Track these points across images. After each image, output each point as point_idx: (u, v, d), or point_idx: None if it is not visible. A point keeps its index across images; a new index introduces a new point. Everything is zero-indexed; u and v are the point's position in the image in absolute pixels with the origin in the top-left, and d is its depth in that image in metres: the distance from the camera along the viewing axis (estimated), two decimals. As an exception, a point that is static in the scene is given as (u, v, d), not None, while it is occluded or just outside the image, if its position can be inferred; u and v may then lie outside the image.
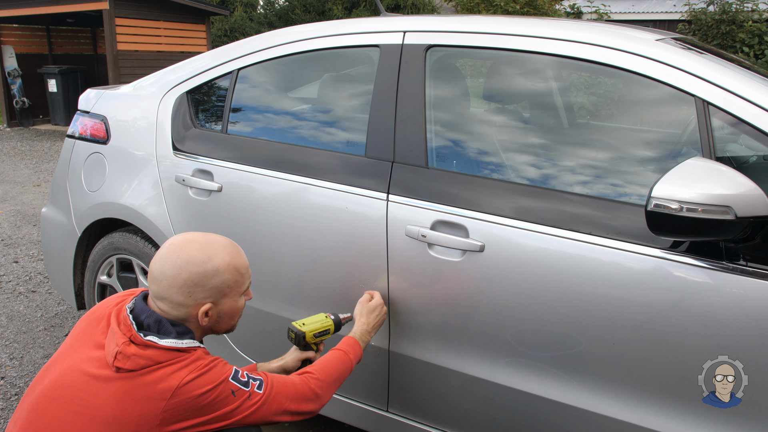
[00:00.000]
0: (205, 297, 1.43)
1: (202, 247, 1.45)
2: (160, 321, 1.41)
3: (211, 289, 1.44)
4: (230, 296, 1.48)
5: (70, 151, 2.69)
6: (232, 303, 1.49)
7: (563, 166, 1.77)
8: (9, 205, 5.70)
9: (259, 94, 2.31)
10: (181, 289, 1.41)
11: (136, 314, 1.42)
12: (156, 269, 1.43)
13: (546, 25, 1.81)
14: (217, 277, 1.44)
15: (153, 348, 1.35)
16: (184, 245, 1.44)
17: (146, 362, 1.34)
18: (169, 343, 1.37)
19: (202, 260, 1.43)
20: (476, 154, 1.91)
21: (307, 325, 1.75)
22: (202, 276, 1.42)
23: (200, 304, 1.43)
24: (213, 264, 1.44)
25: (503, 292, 1.68)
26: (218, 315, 1.48)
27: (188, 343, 1.41)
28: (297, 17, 16.35)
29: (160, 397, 1.32)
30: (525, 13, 10.34)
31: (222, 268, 1.45)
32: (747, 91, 1.49)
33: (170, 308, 1.42)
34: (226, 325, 1.53)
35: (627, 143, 2.00)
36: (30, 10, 9.99)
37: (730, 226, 1.32)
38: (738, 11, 9.02)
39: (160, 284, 1.42)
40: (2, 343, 3.06)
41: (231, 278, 1.46)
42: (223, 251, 1.47)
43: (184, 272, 1.41)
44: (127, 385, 1.32)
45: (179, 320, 1.44)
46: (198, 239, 1.47)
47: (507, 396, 1.72)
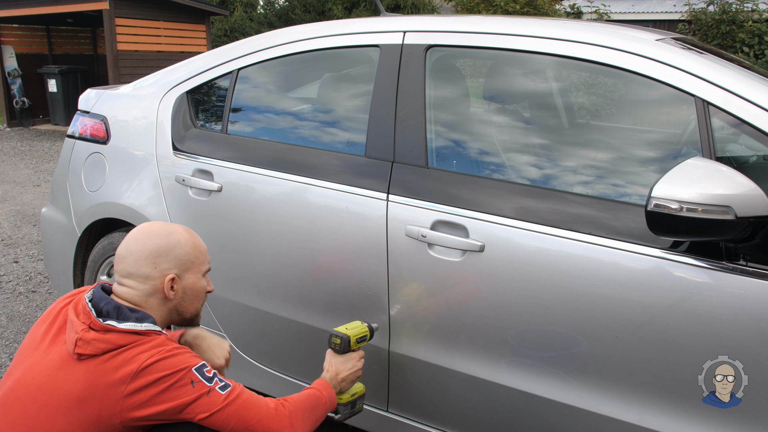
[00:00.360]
0: (170, 267, 1.50)
1: (164, 225, 1.57)
2: (119, 307, 1.43)
3: (175, 260, 1.51)
4: (192, 272, 1.55)
5: (70, 151, 2.69)
6: (194, 279, 1.56)
7: (563, 166, 1.77)
8: (9, 205, 5.70)
9: (259, 94, 2.31)
10: (147, 260, 1.48)
11: (95, 302, 1.43)
12: (122, 249, 1.51)
13: (546, 25, 1.81)
14: (178, 248, 1.52)
15: (112, 332, 1.37)
16: (146, 226, 1.56)
17: (106, 346, 1.35)
18: (129, 327, 1.39)
19: (165, 233, 1.53)
20: (476, 154, 1.91)
21: (350, 330, 1.75)
22: (165, 246, 1.51)
23: (164, 275, 1.49)
24: (175, 237, 1.53)
25: (503, 292, 1.68)
26: (183, 290, 1.53)
27: (147, 326, 1.41)
28: (297, 17, 16.36)
29: (119, 381, 1.32)
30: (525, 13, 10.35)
31: (183, 241, 1.54)
32: (747, 91, 1.49)
33: (137, 283, 1.48)
34: (191, 307, 1.57)
35: (627, 143, 2.00)
36: (30, 10, 9.99)
37: (730, 226, 1.32)
38: (738, 11, 9.02)
39: (126, 261, 1.49)
40: (2, 343, 3.06)
41: (192, 252, 1.55)
42: (182, 229, 1.58)
43: (148, 244, 1.50)
44: (89, 369, 1.33)
45: (141, 303, 1.48)
46: (157, 222, 1.60)
47: (507, 396, 1.72)
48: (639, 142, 2.06)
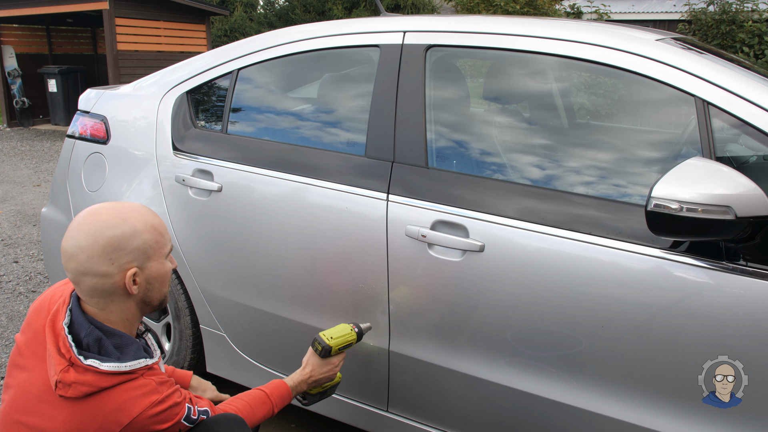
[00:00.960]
0: (130, 261, 1.33)
1: (113, 212, 1.35)
2: (100, 340, 1.32)
3: (134, 251, 1.33)
4: (155, 258, 1.38)
5: (70, 151, 2.69)
6: (158, 266, 1.39)
7: (563, 166, 1.77)
8: (9, 205, 5.70)
9: (260, 94, 2.31)
10: (101, 256, 1.30)
11: (74, 331, 1.32)
12: (69, 245, 1.31)
13: (546, 25, 1.81)
14: (135, 237, 1.34)
15: (93, 373, 1.28)
16: (93, 213, 1.34)
17: (88, 389, 1.27)
18: (111, 368, 1.29)
19: (117, 222, 1.33)
20: (476, 154, 1.91)
21: (334, 339, 1.77)
22: (120, 239, 1.32)
23: (125, 270, 1.32)
24: (129, 225, 1.34)
25: (503, 292, 1.68)
26: (147, 281, 1.37)
27: (132, 365, 1.32)
28: (297, 17, 16.35)
29: (115, 422, 1.28)
30: (525, 13, 10.35)
31: (139, 228, 1.35)
32: (747, 91, 1.49)
33: (95, 283, 1.31)
34: (157, 294, 1.42)
35: (627, 143, 2.00)
36: (30, 10, 9.99)
37: (730, 226, 1.32)
38: (738, 11, 9.02)
39: (77, 259, 1.30)
40: (2, 343, 3.06)
41: (151, 238, 1.36)
42: (136, 212, 1.37)
43: (100, 238, 1.30)
44: (75, 411, 1.28)
45: (102, 308, 1.35)
46: (107, 206, 1.37)
47: (507, 396, 1.72)
48: (639, 142, 2.06)
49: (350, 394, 2.04)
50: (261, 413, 1.61)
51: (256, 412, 1.60)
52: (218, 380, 2.32)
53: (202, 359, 2.42)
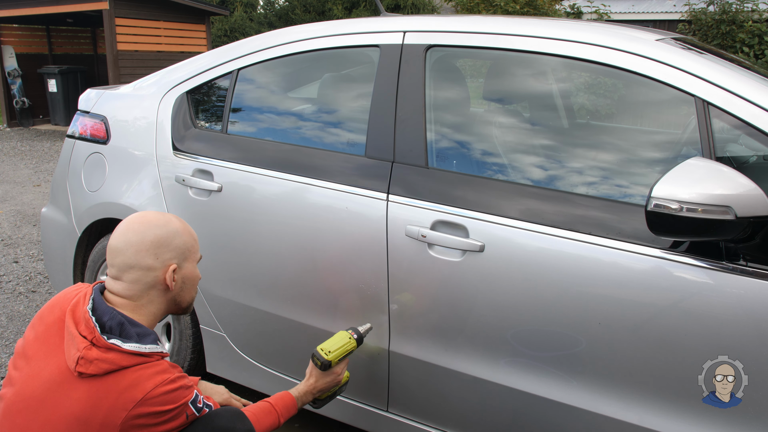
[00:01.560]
0: (171, 257, 1.49)
1: (158, 214, 1.54)
2: (122, 324, 1.39)
3: (176, 249, 1.50)
4: (190, 260, 1.55)
5: (70, 151, 2.69)
6: (192, 268, 1.56)
7: (563, 166, 1.77)
8: (9, 205, 5.70)
9: (260, 94, 2.31)
10: (149, 250, 1.45)
11: (98, 315, 1.39)
12: (118, 241, 1.46)
13: (546, 25, 1.81)
14: (178, 237, 1.51)
15: (116, 351, 1.34)
16: (141, 216, 1.52)
17: (109, 366, 1.33)
18: (133, 347, 1.37)
19: (163, 223, 1.51)
20: (476, 154, 1.91)
21: (332, 353, 1.77)
22: (166, 236, 1.48)
23: (167, 266, 1.47)
24: (172, 226, 1.51)
25: (503, 292, 1.68)
26: (183, 280, 1.53)
27: (151, 348, 1.40)
28: (297, 17, 16.36)
29: (123, 406, 1.32)
30: (525, 13, 10.35)
31: (180, 230, 1.53)
32: (747, 91, 1.49)
33: (139, 275, 1.44)
34: (188, 296, 1.56)
35: (627, 143, 2.00)
36: (30, 10, 9.99)
37: (730, 226, 1.32)
38: (738, 11, 9.02)
39: (125, 253, 1.44)
40: (2, 343, 3.06)
41: (189, 240, 1.54)
42: (176, 218, 1.56)
43: (149, 234, 1.46)
44: (91, 389, 1.32)
45: (142, 296, 1.45)
46: (150, 211, 1.57)
47: (507, 396, 1.72)
48: (639, 142, 2.06)
49: (350, 394, 2.04)
50: (267, 423, 1.63)
51: (262, 421, 1.61)
52: (218, 380, 2.32)
53: (202, 359, 2.42)
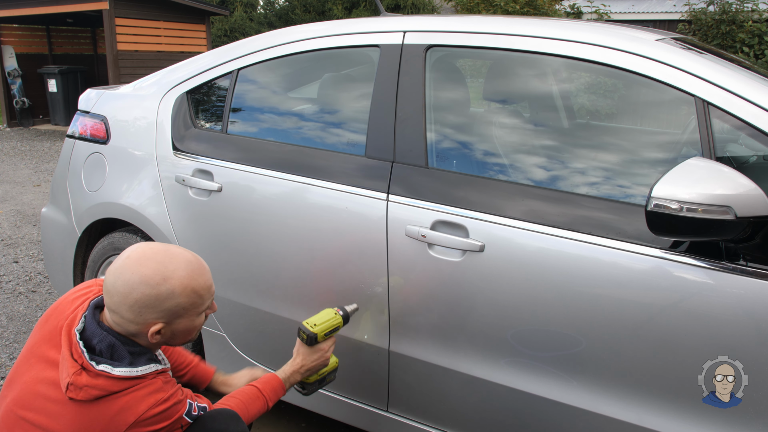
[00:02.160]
0: (156, 318, 1.36)
1: (159, 266, 1.36)
2: (113, 345, 1.35)
3: (164, 311, 1.37)
4: (186, 317, 1.41)
5: (70, 151, 2.69)
6: (187, 323, 1.42)
7: (563, 166, 1.77)
8: (9, 205, 5.70)
9: (260, 94, 2.31)
10: (131, 308, 1.34)
11: (86, 338, 1.35)
12: (109, 282, 1.36)
13: (546, 25, 1.81)
14: (170, 300, 1.36)
15: (105, 378, 1.31)
16: (140, 261, 1.36)
17: (99, 392, 1.30)
18: (123, 372, 1.32)
19: (156, 281, 1.35)
20: (476, 154, 1.91)
21: (318, 326, 1.76)
22: (155, 299, 1.35)
23: (150, 324, 1.36)
24: (167, 286, 1.35)
25: (503, 292, 1.68)
26: (172, 333, 1.41)
27: (144, 369, 1.35)
28: (297, 17, 16.35)
29: (122, 421, 1.30)
30: (525, 13, 10.35)
31: (177, 291, 1.37)
32: (747, 91, 1.49)
33: (121, 322, 1.36)
34: (181, 340, 1.46)
35: (627, 143, 2.00)
36: (30, 10, 9.99)
37: (730, 226, 1.32)
38: (738, 11, 9.02)
39: (112, 298, 1.36)
40: (2, 343, 3.06)
41: (187, 301, 1.39)
42: (182, 271, 1.38)
43: (135, 292, 1.34)
44: (82, 412, 1.30)
45: (131, 335, 1.39)
46: (156, 256, 1.38)
47: (507, 396, 1.72)
48: (639, 142, 2.06)
49: (350, 394, 2.04)
50: (255, 409, 1.61)
51: (250, 409, 1.60)
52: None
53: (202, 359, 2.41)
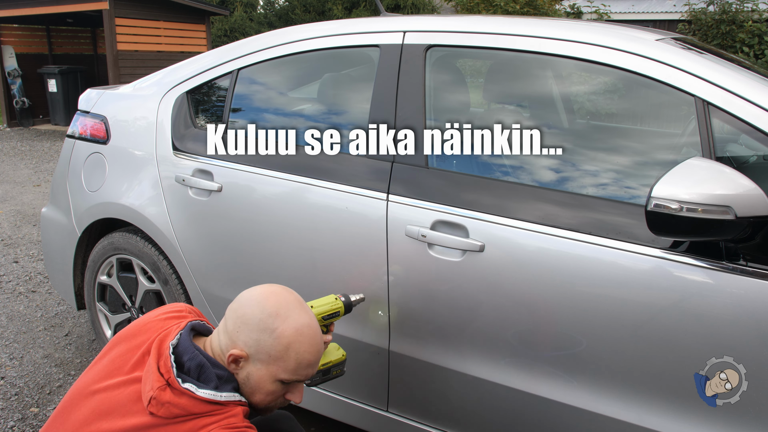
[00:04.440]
0: (246, 343, 1.30)
1: (283, 306, 1.33)
2: (203, 366, 1.30)
3: (254, 341, 1.30)
4: (267, 367, 1.31)
5: (70, 151, 2.69)
6: (264, 374, 1.32)
7: (563, 166, 1.77)
8: (9, 205, 5.70)
9: (260, 94, 2.31)
10: (235, 320, 1.32)
11: (178, 353, 1.31)
12: (245, 296, 1.36)
13: (546, 25, 1.81)
14: (268, 334, 1.30)
15: (188, 397, 1.26)
16: (275, 293, 1.36)
17: (179, 412, 1.25)
18: (207, 395, 1.27)
19: (271, 312, 1.31)
20: (476, 154, 1.91)
21: (316, 308, 1.73)
22: (258, 322, 1.30)
23: (237, 344, 1.31)
24: (276, 322, 1.31)
25: (503, 292, 1.68)
26: (247, 374, 1.33)
27: (227, 396, 1.29)
28: (297, 17, 16.35)
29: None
30: (525, 13, 10.35)
31: (279, 332, 1.30)
32: (747, 91, 1.49)
33: (221, 330, 1.34)
34: (251, 397, 1.35)
35: (627, 143, 2.00)
36: (30, 10, 9.99)
37: (730, 226, 1.32)
38: (738, 11, 9.02)
39: (232, 306, 1.35)
40: (2, 343, 3.06)
41: (280, 349, 1.30)
42: (298, 324, 1.32)
43: (245, 308, 1.33)
44: (159, 428, 1.26)
45: (218, 356, 1.34)
46: (290, 298, 1.36)
47: (507, 396, 1.72)
48: (639, 142, 2.06)
49: (350, 394, 2.04)
50: None
51: None
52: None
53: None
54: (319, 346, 1.35)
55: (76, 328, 3.24)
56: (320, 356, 1.36)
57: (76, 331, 3.20)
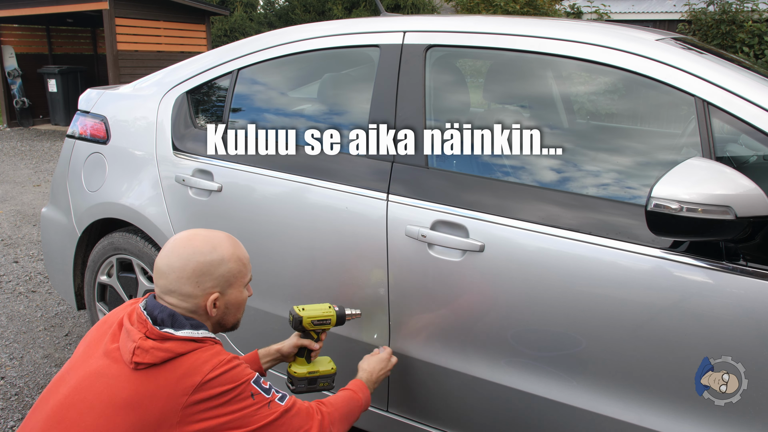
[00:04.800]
0: (213, 286, 1.46)
1: (206, 239, 1.49)
2: (174, 315, 1.42)
3: (218, 278, 1.46)
4: (235, 286, 1.51)
5: (70, 151, 2.69)
6: (237, 294, 1.52)
7: (563, 166, 1.77)
8: (9, 205, 5.70)
9: (260, 94, 2.31)
10: (190, 279, 1.43)
11: (149, 310, 1.43)
12: (162, 263, 1.45)
13: (546, 25, 1.81)
14: (222, 265, 1.47)
15: (170, 340, 1.36)
16: (188, 238, 1.49)
17: (165, 354, 1.34)
18: (186, 334, 1.39)
19: (208, 250, 1.46)
20: (476, 154, 1.91)
21: (306, 311, 1.75)
22: (209, 265, 1.45)
23: (208, 294, 1.45)
24: (218, 253, 1.47)
25: (503, 292, 1.68)
26: (225, 305, 1.50)
27: (204, 333, 1.42)
28: (297, 17, 16.35)
29: (182, 392, 1.31)
30: (525, 13, 10.35)
31: (227, 257, 1.48)
32: (747, 91, 1.49)
33: (179, 301, 1.44)
34: (232, 318, 1.55)
35: (627, 143, 2.00)
36: (30, 10, 9.99)
37: (730, 226, 1.32)
38: (738, 11, 9.02)
39: (167, 277, 1.44)
40: (2, 343, 3.06)
41: (236, 267, 1.50)
42: (226, 242, 1.52)
43: (191, 262, 1.44)
44: (147, 379, 1.32)
45: (190, 313, 1.45)
46: (200, 233, 1.52)
47: (507, 396, 1.72)
48: (639, 142, 2.06)
49: (350, 394, 2.04)
50: (356, 413, 1.67)
51: (353, 412, 1.65)
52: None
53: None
54: (238, 240, 1.57)
55: (76, 328, 3.24)
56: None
57: (76, 331, 3.20)
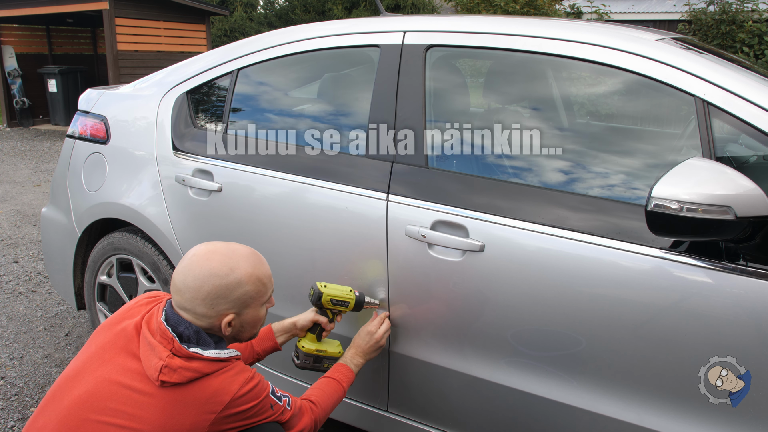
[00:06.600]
0: (228, 308, 1.44)
1: (225, 258, 1.44)
2: (199, 332, 1.41)
3: (234, 301, 1.44)
4: (252, 306, 1.49)
5: (70, 151, 2.69)
6: (254, 313, 1.50)
7: (563, 166, 1.77)
8: (9, 205, 5.70)
9: (260, 94, 2.31)
10: (204, 301, 1.41)
11: (173, 325, 1.41)
12: (179, 280, 1.43)
13: (546, 25, 1.81)
14: (239, 288, 1.44)
15: (198, 360, 1.37)
16: (206, 256, 1.43)
17: (193, 374, 1.35)
18: (213, 354, 1.39)
19: (225, 272, 1.42)
20: (476, 154, 1.91)
21: (327, 288, 1.79)
22: (225, 288, 1.42)
23: (223, 315, 1.43)
24: (236, 276, 1.43)
25: (503, 292, 1.68)
26: (241, 324, 1.49)
27: (229, 353, 1.43)
28: (297, 17, 16.35)
29: (210, 410, 1.35)
30: (525, 13, 10.34)
31: (244, 280, 1.45)
32: (747, 91, 1.49)
33: (195, 319, 1.43)
34: (248, 333, 1.54)
35: (627, 143, 2.00)
36: (30, 10, 9.99)
37: (730, 226, 1.32)
38: (738, 11, 9.02)
39: (183, 295, 1.42)
40: (2, 343, 3.06)
41: (253, 289, 1.47)
42: (245, 262, 1.46)
43: (207, 285, 1.41)
44: (175, 398, 1.33)
45: (206, 330, 1.45)
46: (220, 250, 1.46)
47: (507, 396, 1.72)
48: (639, 142, 2.06)
49: (350, 394, 2.04)
50: (339, 400, 1.76)
51: (336, 401, 1.73)
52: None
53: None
54: (264, 259, 1.54)
55: (76, 328, 3.24)
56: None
57: (76, 331, 3.20)
